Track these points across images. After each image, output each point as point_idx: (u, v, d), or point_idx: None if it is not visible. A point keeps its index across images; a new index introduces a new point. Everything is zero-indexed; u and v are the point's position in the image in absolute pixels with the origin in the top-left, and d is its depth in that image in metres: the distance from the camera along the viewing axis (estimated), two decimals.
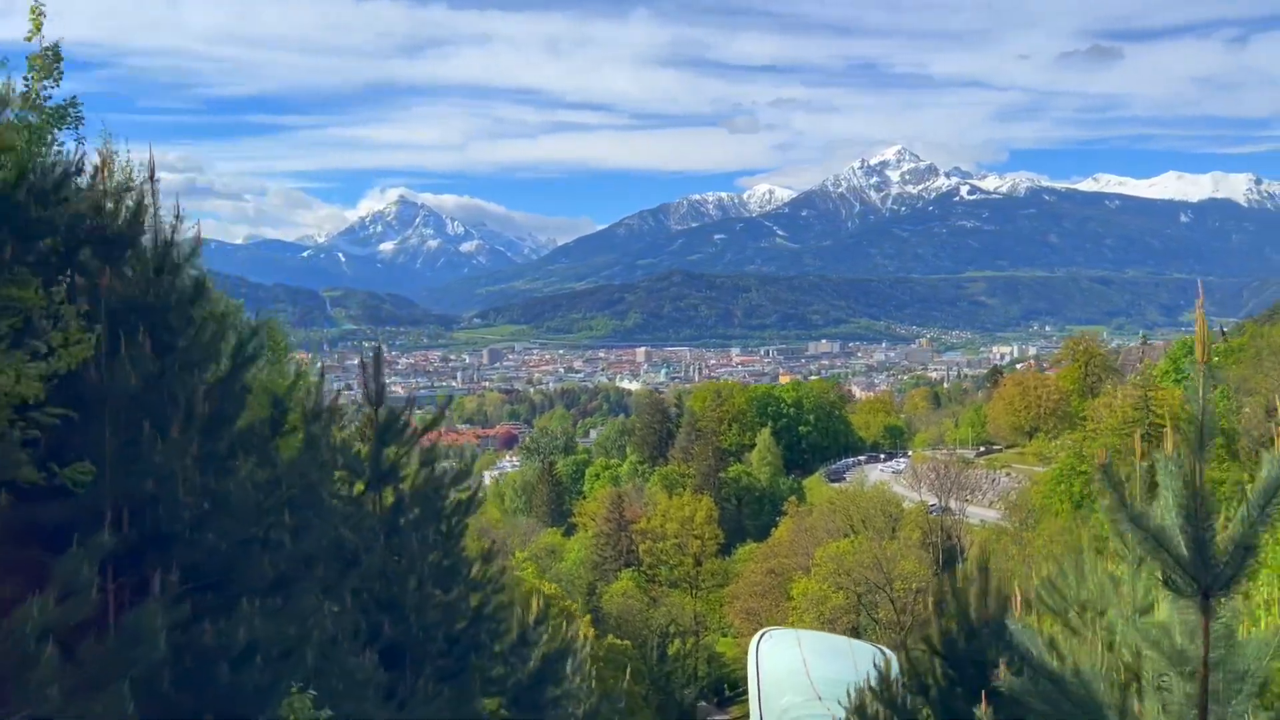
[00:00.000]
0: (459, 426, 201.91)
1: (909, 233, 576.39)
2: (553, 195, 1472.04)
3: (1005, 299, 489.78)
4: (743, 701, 46.74)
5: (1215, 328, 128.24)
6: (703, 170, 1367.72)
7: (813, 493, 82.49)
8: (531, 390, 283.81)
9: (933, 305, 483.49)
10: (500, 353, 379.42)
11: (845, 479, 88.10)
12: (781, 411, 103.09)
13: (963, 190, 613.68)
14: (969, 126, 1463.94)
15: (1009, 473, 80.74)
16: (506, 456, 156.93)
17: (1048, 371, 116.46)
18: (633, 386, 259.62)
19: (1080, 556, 5.87)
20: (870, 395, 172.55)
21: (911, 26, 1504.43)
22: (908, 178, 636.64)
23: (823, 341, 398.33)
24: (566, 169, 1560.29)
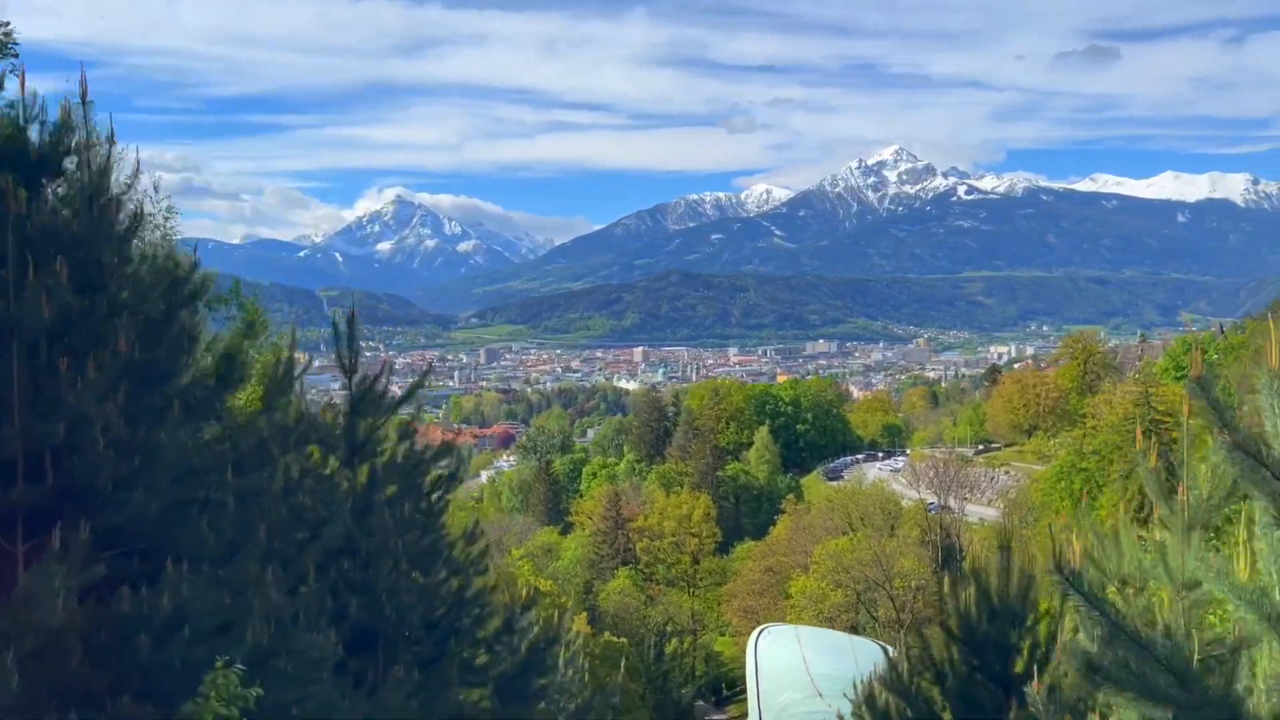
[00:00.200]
0: (456, 426, 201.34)
1: (906, 233, 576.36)
2: (550, 195, 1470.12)
3: (1002, 299, 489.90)
4: (741, 701, 46.23)
5: (1215, 326, 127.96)
6: (700, 170, 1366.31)
7: (810, 491, 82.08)
8: (529, 390, 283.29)
9: (930, 305, 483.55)
10: (497, 353, 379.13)
11: (843, 477, 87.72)
12: (779, 410, 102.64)
13: (960, 190, 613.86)
14: (966, 126, 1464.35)
15: (1008, 471, 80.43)
16: (504, 456, 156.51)
17: (1046, 370, 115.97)
18: (630, 386, 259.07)
19: (1117, 529, 5.32)
20: (868, 395, 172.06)
21: (909, 27, 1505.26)
22: (905, 178, 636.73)
23: (820, 341, 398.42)
24: (564, 169, 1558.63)
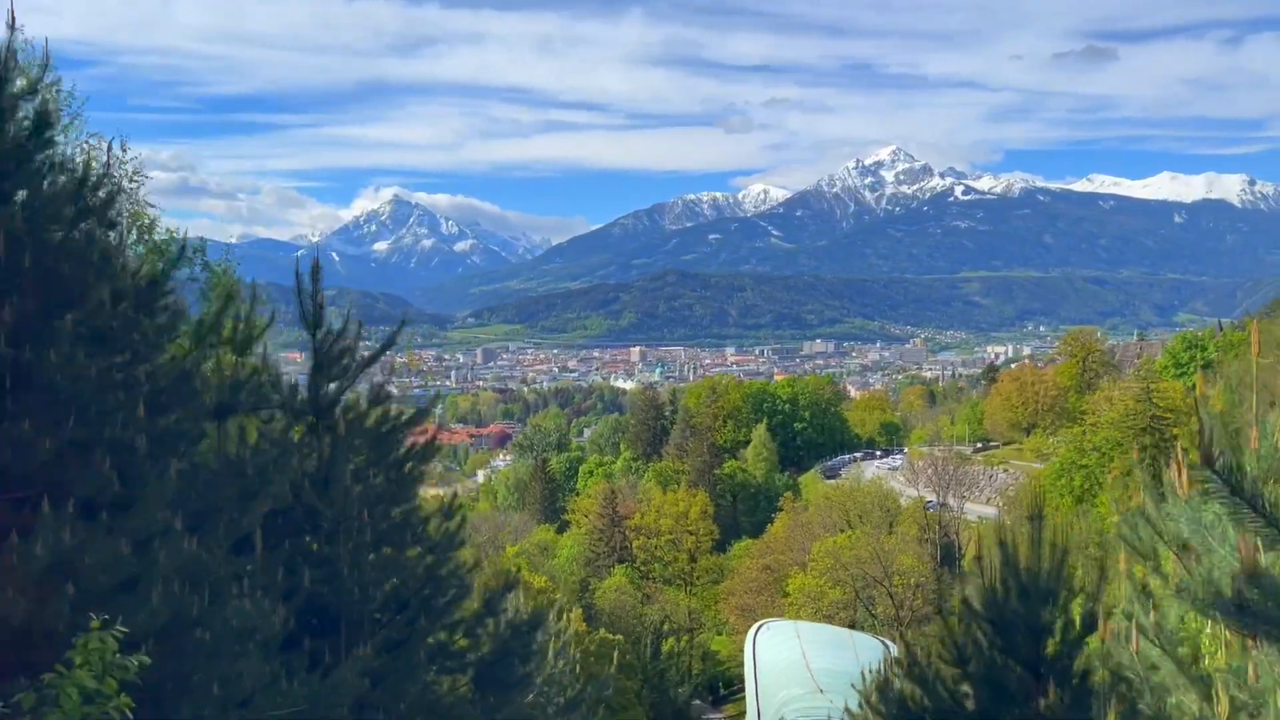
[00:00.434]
0: (453, 425, 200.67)
1: (903, 233, 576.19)
2: (547, 195, 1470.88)
3: (999, 299, 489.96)
4: (738, 700, 45.61)
5: (1214, 323, 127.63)
6: (697, 170, 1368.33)
7: (808, 489, 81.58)
8: (525, 390, 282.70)
9: (927, 305, 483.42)
10: (494, 352, 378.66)
11: (841, 475, 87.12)
12: (777, 408, 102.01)
13: (957, 190, 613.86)
14: (963, 127, 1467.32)
15: (1006, 469, 79.95)
16: (500, 455, 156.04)
17: (1044, 369, 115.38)
18: (627, 386, 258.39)
19: (1164, 490, 4.67)
20: (865, 393, 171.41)
21: (905, 27, 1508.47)
22: (902, 178, 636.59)
23: (817, 341, 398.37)
24: (561, 169, 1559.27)
